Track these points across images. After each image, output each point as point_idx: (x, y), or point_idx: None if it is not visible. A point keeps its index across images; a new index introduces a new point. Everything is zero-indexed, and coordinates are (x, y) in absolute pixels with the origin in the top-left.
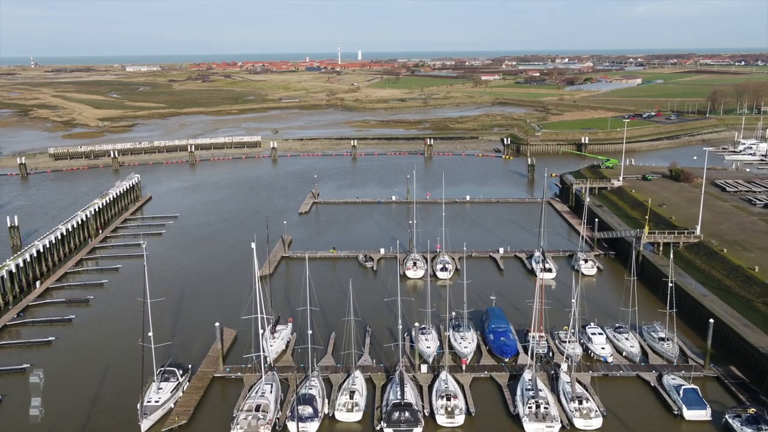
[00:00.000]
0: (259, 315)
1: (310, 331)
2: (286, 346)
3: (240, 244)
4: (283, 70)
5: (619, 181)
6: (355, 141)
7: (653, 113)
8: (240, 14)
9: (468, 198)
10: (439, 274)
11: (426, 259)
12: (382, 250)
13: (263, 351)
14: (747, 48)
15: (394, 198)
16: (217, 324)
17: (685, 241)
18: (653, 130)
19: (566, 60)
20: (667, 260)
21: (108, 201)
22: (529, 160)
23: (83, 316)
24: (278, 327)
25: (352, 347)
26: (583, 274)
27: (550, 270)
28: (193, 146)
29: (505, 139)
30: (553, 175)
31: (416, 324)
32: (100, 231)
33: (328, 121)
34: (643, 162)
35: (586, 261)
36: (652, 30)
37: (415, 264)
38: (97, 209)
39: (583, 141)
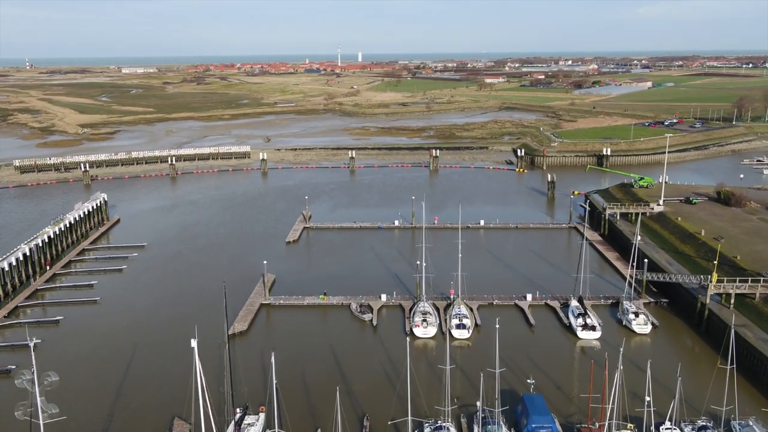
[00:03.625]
0: None
1: None
2: None
3: (212, 283)
4: (281, 72)
5: (659, 205)
6: (354, 152)
7: (675, 120)
8: (241, 15)
9: (482, 223)
10: (455, 333)
11: (437, 310)
12: (384, 296)
13: None
14: (749, 50)
15: (396, 223)
16: None
17: (764, 292)
18: (679, 140)
19: (570, 62)
20: (746, 320)
21: (63, 228)
22: (549, 176)
23: None
24: (246, 420)
25: None
26: (634, 332)
27: (593, 328)
28: (173, 158)
29: (518, 150)
30: (576, 192)
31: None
32: (48, 267)
33: (325, 128)
34: (674, 178)
35: (636, 315)
36: (653, 32)
37: (425, 320)
38: (46, 240)
39: (604, 152)
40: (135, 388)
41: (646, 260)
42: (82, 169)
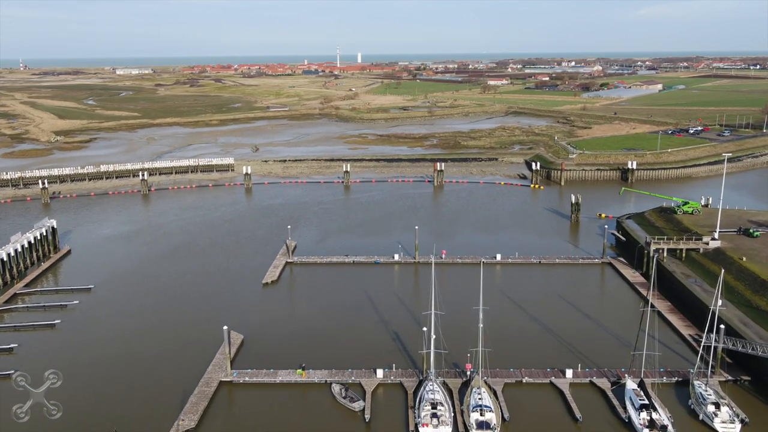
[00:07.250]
0: None
1: None
2: None
3: (163, 349)
4: (279, 74)
5: (715, 239)
6: (349, 164)
7: (700, 128)
8: (239, 15)
9: (499, 257)
10: None
11: (451, 393)
12: (380, 373)
13: None
14: (751, 51)
15: (396, 257)
16: None
17: None
18: (709, 151)
19: (573, 63)
20: None
21: None
22: (573, 197)
23: None
24: None
25: None
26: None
27: (663, 428)
28: (147, 172)
29: (533, 164)
30: (602, 215)
31: None
32: None
33: (320, 135)
34: (715, 198)
35: (717, 406)
36: (654, 33)
37: (435, 414)
38: None
39: (629, 166)
40: None
41: (723, 326)
42: (41, 185)
